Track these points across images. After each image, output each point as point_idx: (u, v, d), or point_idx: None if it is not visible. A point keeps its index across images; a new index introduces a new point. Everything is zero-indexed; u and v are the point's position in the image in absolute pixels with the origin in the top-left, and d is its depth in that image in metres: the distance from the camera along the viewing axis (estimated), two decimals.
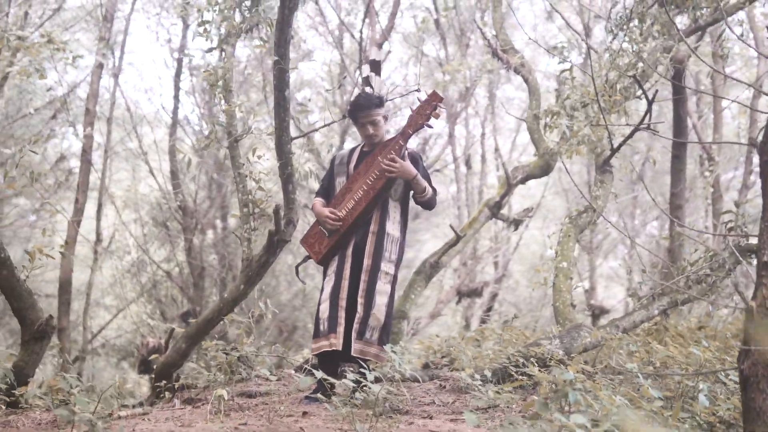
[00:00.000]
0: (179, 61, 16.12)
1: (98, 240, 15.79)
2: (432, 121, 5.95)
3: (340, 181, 6.23)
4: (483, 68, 15.90)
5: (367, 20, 17.00)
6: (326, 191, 6.34)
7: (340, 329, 5.85)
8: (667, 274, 7.99)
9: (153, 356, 7.30)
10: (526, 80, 10.85)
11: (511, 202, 21.13)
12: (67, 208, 14.79)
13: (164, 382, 6.77)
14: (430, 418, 5.32)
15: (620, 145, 8.26)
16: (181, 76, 16.41)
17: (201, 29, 7.48)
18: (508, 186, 10.46)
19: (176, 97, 16.70)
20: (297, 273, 6.52)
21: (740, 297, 3.77)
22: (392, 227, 6.05)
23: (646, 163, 20.21)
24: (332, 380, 5.33)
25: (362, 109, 6.08)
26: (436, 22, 18.40)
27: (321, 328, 5.89)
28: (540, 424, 3.97)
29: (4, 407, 5.75)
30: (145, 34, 28.61)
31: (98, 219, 15.88)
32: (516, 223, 11.79)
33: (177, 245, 17.91)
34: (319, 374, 5.07)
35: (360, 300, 5.89)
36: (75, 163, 18.31)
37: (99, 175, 16.20)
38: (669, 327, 7.80)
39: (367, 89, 6.46)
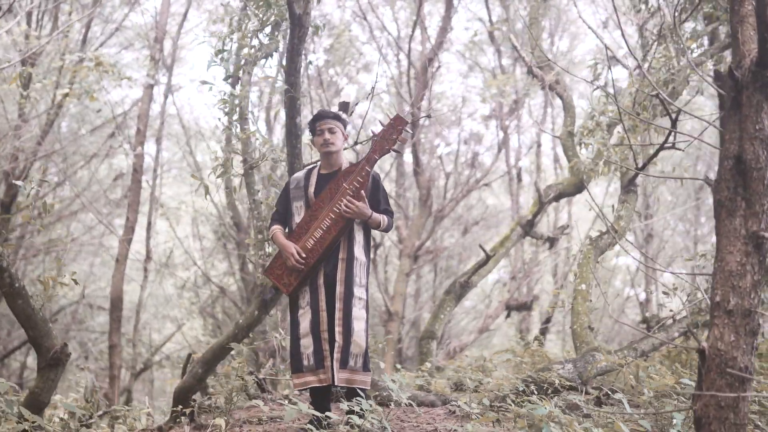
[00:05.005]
0: (235, 78, 16.32)
1: (148, 257, 16.05)
2: (398, 145, 5.92)
3: (298, 206, 6.12)
4: (532, 82, 15.85)
5: (419, 34, 17.08)
6: (282, 216, 6.23)
7: (328, 363, 5.76)
8: (692, 295, 7.90)
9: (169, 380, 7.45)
10: (560, 97, 10.83)
11: (571, 210, 21.03)
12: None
13: (180, 407, 6.87)
14: None
15: (644, 165, 8.19)
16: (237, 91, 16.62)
17: (218, 57, 7.59)
18: (541, 204, 10.42)
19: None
20: (266, 308, 6.48)
21: (693, 337, 3.74)
22: (359, 252, 5.97)
23: (710, 171, 19.87)
24: (317, 414, 5.39)
25: (321, 118, 6.09)
26: (491, 34, 18.35)
27: (305, 363, 5.81)
28: None
29: None
30: (206, 49, 28.93)
31: (148, 237, 16.15)
32: (551, 241, 11.72)
33: (234, 261, 18.09)
34: (303, 406, 5.14)
35: (338, 329, 5.79)
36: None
37: (155, 192, 16.51)
38: (690, 350, 7.69)
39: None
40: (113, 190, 18.80)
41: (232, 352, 6.83)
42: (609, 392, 6.20)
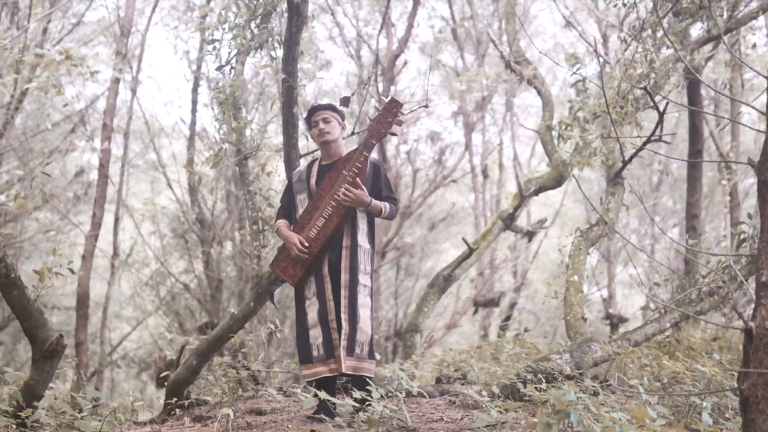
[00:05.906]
0: (197, 74, 16.30)
1: (115, 254, 15.86)
2: (395, 128, 5.91)
3: (302, 199, 6.10)
4: (499, 78, 15.91)
5: (383, 31, 17.06)
6: (287, 211, 6.22)
7: (338, 352, 5.74)
8: (680, 286, 7.95)
9: (164, 373, 7.36)
10: (539, 92, 10.88)
11: (530, 210, 21.17)
12: (87, 221, 14.90)
13: (175, 399, 6.80)
14: None
15: (631, 158, 8.24)
16: (199, 89, 16.60)
17: (210, 47, 7.52)
18: (521, 198, 10.47)
19: (194, 111, 16.76)
20: (272, 300, 6.41)
21: (739, 317, 3.74)
22: (363, 239, 5.95)
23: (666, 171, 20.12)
24: (334, 400, 5.34)
25: (314, 111, 6.10)
26: (454, 32, 18.40)
27: (315, 353, 5.80)
28: None
29: (15, 427, 5.77)
30: (164, 46, 28.65)
31: (115, 233, 15.96)
32: (530, 235, 11.78)
33: (195, 257, 17.92)
34: (323, 394, 5.10)
35: (344, 316, 5.76)
36: (94, 177, 18.39)
37: (117, 189, 16.31)
38: (681, 340, 7.76)
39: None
40: (73, 187, 18.51)
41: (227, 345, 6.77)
42: (624, 380, 6.21)
